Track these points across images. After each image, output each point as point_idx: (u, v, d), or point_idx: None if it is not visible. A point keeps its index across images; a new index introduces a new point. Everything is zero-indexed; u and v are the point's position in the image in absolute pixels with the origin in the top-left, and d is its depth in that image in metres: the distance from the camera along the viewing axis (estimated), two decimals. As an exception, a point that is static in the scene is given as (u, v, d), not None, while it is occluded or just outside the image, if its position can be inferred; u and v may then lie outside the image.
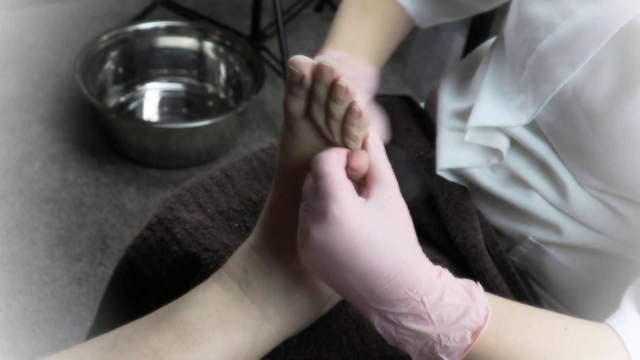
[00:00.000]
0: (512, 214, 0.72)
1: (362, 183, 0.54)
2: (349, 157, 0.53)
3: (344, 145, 0.53)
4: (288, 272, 0.57)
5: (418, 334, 0.50)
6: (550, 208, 0.69)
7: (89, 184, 1.57)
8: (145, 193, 1.56)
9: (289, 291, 0.57)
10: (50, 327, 1.30)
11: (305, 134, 0.55)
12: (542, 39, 0.63)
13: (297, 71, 0.51)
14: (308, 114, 0.54)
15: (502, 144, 0.70)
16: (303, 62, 0.51)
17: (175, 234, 0.73)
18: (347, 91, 0.51)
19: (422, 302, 0.49)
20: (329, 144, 0.54)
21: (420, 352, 0.51)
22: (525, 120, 0.66)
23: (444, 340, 0.50)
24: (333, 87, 0.51)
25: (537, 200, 0.70)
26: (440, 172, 0.74)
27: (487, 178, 0.73)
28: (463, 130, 0.72)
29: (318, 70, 0.51)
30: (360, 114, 0.51)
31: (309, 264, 0.53)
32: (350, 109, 0.52)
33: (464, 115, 0.74)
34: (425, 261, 0.51)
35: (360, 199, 0.51)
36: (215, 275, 0.58)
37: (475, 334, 0.50)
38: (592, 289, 0.70)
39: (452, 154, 0.73)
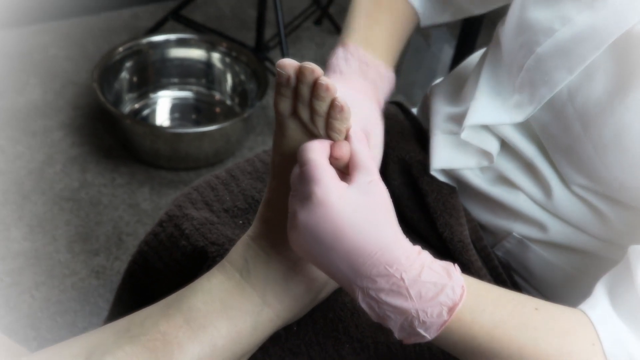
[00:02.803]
0: (499, 211, 0.72)
1: (345, 172, 0.54)
2: (332, 147, 0.53)
3: (329, 138, 0.54)
4: (285, 260, 0.57)
5: (398, 310, 0.50)
6: (535, 207, 0.69)
7: (105, 185, 1.57)
8: (158, 193, 1.57)
9: (286, 278, 0.57)
10: (70, 317, 1.30)
11: (294, 132, 0.55)
12: (542, 42, 0.62)
13: (284, 73, 0.52)
14: (295, 112, 0.55)
15: (493, 147, 0.69)
16: (289, 64, 0.52)
17: (184, 229, 0.73)
18: (327, 88, 0.51)
19: (402, 278, 0.49)
20: (315, 138, 0.54)
21: (401, 327, 0.51)
22: (520, 118, 0.65)
23: (422, 316, 0.49)
24: (315, 86, 0.51)
25: (522, 199, 0.69)
26: (433, 172, 0.74)
27: (477, 178, 0.73)
28: (457, 133, 0.72)
29: (300, 71, 0.51)
30: (342, 108, 0.52)
31: (298, 246, 0.52)
32: (332, 105, 0.52)
33: (457, 118, 0.74)
34: (405, 241, 0.51)
35: (343, 183, 0.51)
36: (218, 265, 0.58)
37: (451, 310, 0.49)
38: (571, 282, 0.70)
39: (446, 156, 0.73)
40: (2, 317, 1.29)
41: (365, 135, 0.64)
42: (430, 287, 0.49)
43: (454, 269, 0.51)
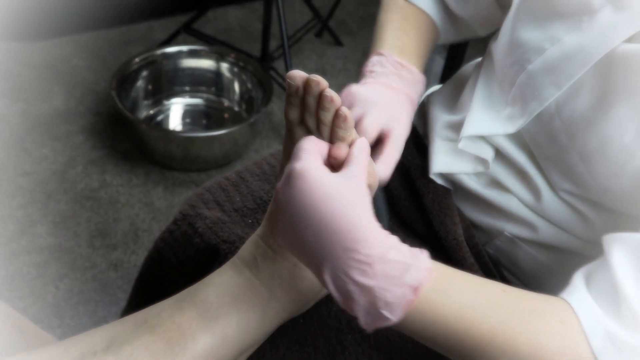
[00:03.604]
0: (492, 212, 0.71)
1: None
2: (331, 147, 0.52)
3: None
4: (291, 258, 0.56)
5: (363, 287, 0.46)
6: (526, 209, 0.68)
7: (123, 185, 1.57)
8: (171, 192, 1.57)
9: (292, 274, 0.56)
10: (91, 306, 1.30)
11: (302, 138, 0.54)
12: (533, 60, 0.62)
13: (293, 83, 0.51)
14: (303, 120, 0.54)
15: (488, 154, 0.69)
16: (298, 76, 0.51)
17: (197, 228, 0.73)
18: (331, 100, 0.50)
19: (368, 254, 0.45)
20: None
21: (367, 312, 0.47)
22: (512, 130, 0.65)
23: (386, 296, 0.46)
24: (320, 97, 0.51)
25: (514, 202, 0.69)
26: (432, 176, 0.74)
27: (472, 181, 0.72)
28: (454, 141, 0.71)
29: (307, 83, 0.51)
30: (345, 118, 0.51)
31: (274, 226, 0.50)
32: (336, 115, 0.51)
33: (455, 126, 0.73)
34: (376, 225, 0.47)
35: (326, 167, 0.49)
36: (229, 262, 0.57)
37: (415, 290, 0.46)
38: (557, 277, 0.69)
39: (445, 161, 0.72)
40: (29, 307, 1.29)
41: (387, 132, 0.64)
42: (395, 265, 0.46)
43: (421, 253, 0.48)
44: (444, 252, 0.72)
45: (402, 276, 0.46)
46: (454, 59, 1.49)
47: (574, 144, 0.60)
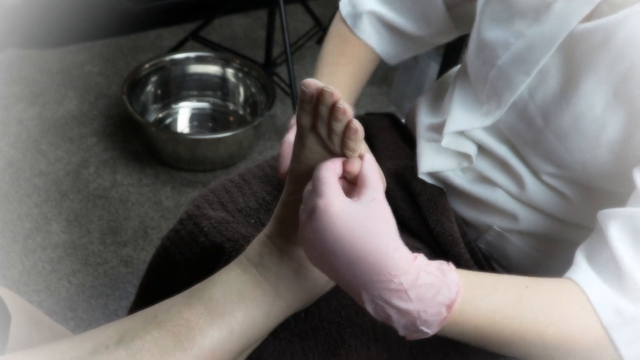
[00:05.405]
0: (480, 207, 0.72)
1: (355, 183, 0.52)
2: (345, 163, 0.52)
3: (343, 154, 0.52)
4: (296, 257, 0.56)
5: (401, 311, 0.47)
6: (511, 200, 0.69)
7: (133, 184, 1.57)
8: (179, 192, 1.56)
9: (297, 273, 0.56)
10: (102, 300, 1.30)
11: (312, 143, 0.54)
12: (501, 55, 0.63)
13: (307, 91, 0.51)
14: (314, 127, 0.53)
15: (471, 149, 0.70)
16: (313, 84, 0.51)
17: (203, 227, 0.72)
18: (344, 112, 0.50)
19: (401, 282, 0.46)
20: (331, 152, 0.53)
21: (405, 326, 0.49)
22: (489, 122, 0.66)
23: (423, 316, 0.47)
24: (333, 108, 0.50)
25: (500, 194, 0.69)
26: (421, 176, 0.74)
27: (459, 178, 0.72)
28: (438, 141, 0.72)
29: (320, 94, 0.50)
30: (356, 130, 0.50)
31: (308, 256, 0.51)
32: (348, 126, 0.51)
33: (438, 128, 0.74)
34: (403, 249, 0.48)
35: (347, 198, 0.49)
36: (236, 260, 0.57)
37: (449, 307, 0.48)
38: (543, 268, 0.70)
39: (431, 160, 0.72)
40: (44, 300, 1.29)
41: None
42: (427, 288, 0.47)
43: (448, 268, 0.49)
44: (439, 249, 0.72)
45: (435, 297, 0.47)
46: (449, 65, 1.49)
47: (549, 125, 0.61)
